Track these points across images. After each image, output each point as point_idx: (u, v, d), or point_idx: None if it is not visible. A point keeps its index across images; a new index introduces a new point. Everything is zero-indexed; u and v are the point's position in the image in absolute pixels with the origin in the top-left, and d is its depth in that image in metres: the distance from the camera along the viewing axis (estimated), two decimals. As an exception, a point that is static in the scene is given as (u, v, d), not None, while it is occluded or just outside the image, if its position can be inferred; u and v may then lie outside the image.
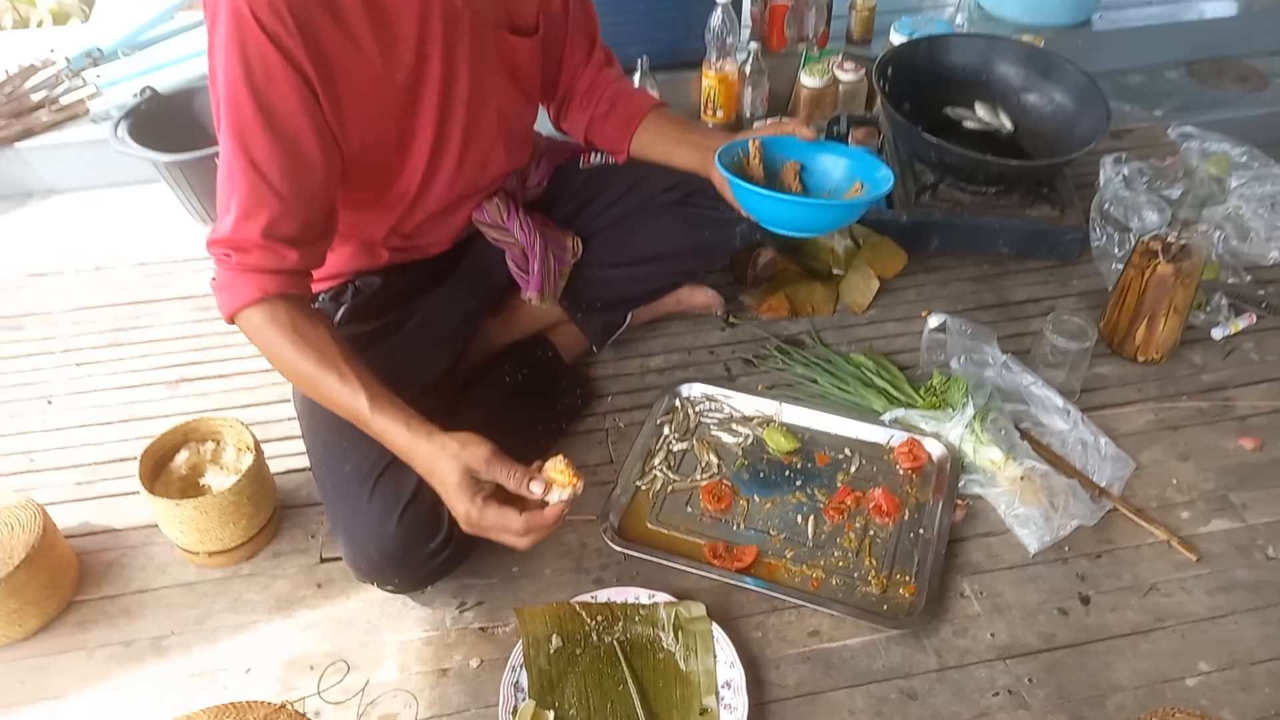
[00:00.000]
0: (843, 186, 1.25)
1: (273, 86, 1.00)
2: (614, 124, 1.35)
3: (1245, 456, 1.31)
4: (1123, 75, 2.41)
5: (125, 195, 2.07)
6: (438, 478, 1.02)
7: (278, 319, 1.07)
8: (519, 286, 1.35)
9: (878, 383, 1.38)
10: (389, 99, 1.11)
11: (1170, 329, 1.40)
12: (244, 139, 1.02)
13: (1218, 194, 1.64)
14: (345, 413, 1.06)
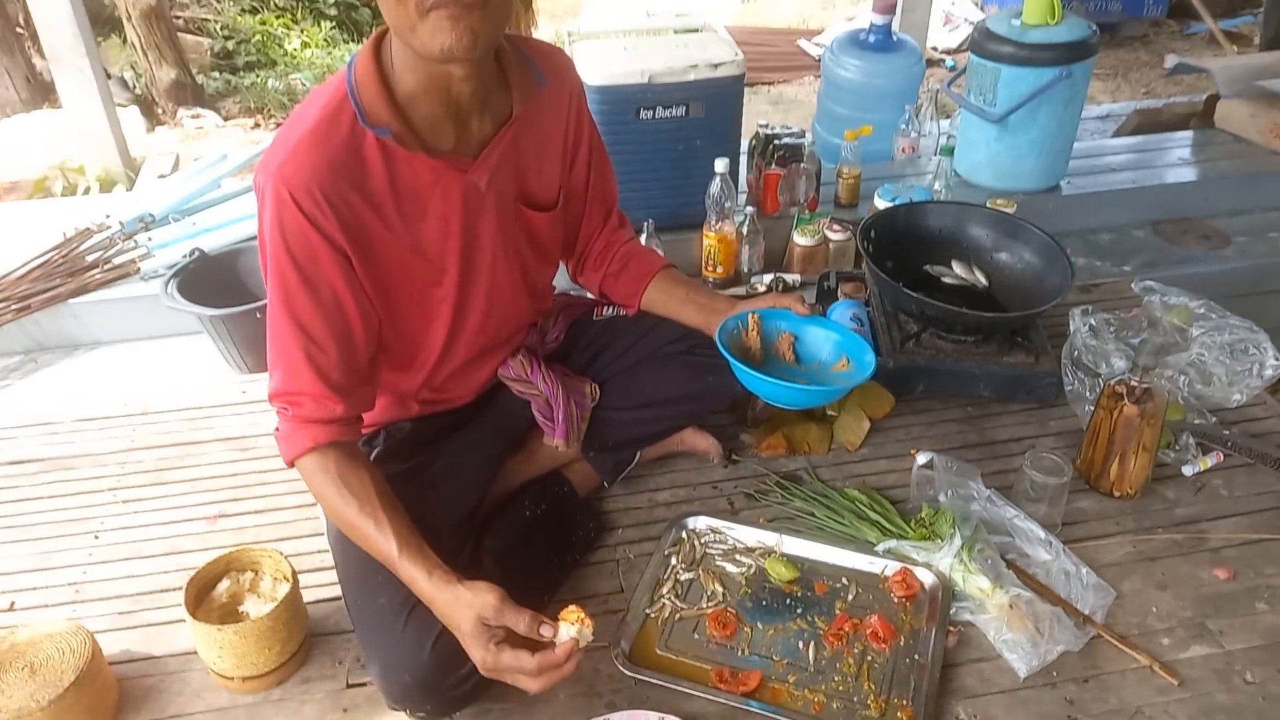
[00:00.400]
0: (831, 360, 1.41)
1: (313, 259, 1.16)
2: (627, 281, 1.51)
3: (1220, 586, 1.39)
4: (1093, 234, 2.60)
5: (169, 346, 2.23)
6: (454, 625, 1.12)
7: (326, 469, 1.20)
8: (537, 428, 1.48)
9: (871, 516, 1.48)
10: (417, 269, 1.27)
11: (1141, 466, 1.50)
12: (290, 304, 1.17)
13: (1181, 342, 1.78)
14: (378, 556, 1.18)
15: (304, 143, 1.13)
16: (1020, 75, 2.38)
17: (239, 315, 2.07)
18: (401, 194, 1.20)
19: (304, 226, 1.14)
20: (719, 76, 2.21)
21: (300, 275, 1.16)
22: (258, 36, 5.40)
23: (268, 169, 1.14)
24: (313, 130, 1.14)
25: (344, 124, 1.15)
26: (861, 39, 2.83)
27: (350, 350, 1.21)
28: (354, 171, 1.16)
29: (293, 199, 1.12)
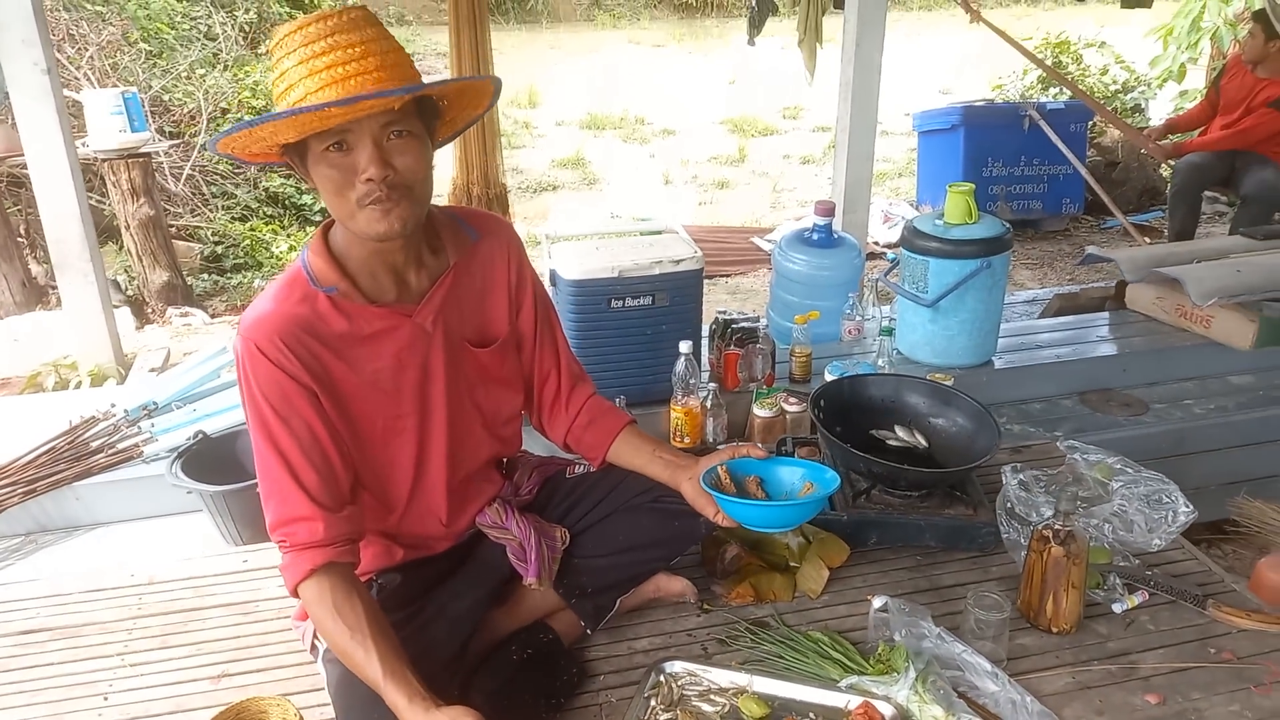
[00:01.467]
0: (797, 487, 1.59)
1: (285, 399, 1.36)
2: (594, 434, 1.68)
3: (1151, 710, 1.52)
4: (1025, 404, 2.86)
5: (169, 524, 2.37)
6: None
7: (323, 597, 1.35)
8: (520, 576, 1.62)
9: (834, 655, 1.61)
10: (378, 401, 1.46)
11: (1073, 602, 1.66)
12: (273, 440, 1.37)
13: (1104, 495, 1.98)
14: (365, 679, 1.31)
15: (268, 308, 1.38)
16: (947, 266, 2.69)
17: (240, 491, 2.22)
18: (358, 339, 1.42)
19: (272, 372, 1.35)
20: (680, 270, 2.50)
21: (276, 415, 1.36)
22: (247, 241, 5.75)
23: (244, 334, 1.37)
24: (272, 297, 1.39)
25: (298, 288, 1.39)
26: (806, 236, 3.17)
27: (331, 475, 1.39)
28: (311, 323, 1.39)
29: (260, 350, 1.35)
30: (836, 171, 4.03)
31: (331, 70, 1.23)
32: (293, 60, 1.25)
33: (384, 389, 1.46)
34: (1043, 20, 13.56)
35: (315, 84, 1.23)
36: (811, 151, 8.46)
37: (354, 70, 1.24)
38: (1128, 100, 7.28)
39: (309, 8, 12.75)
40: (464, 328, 1.54)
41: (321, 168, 1.29)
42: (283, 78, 1.26)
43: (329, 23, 1.26)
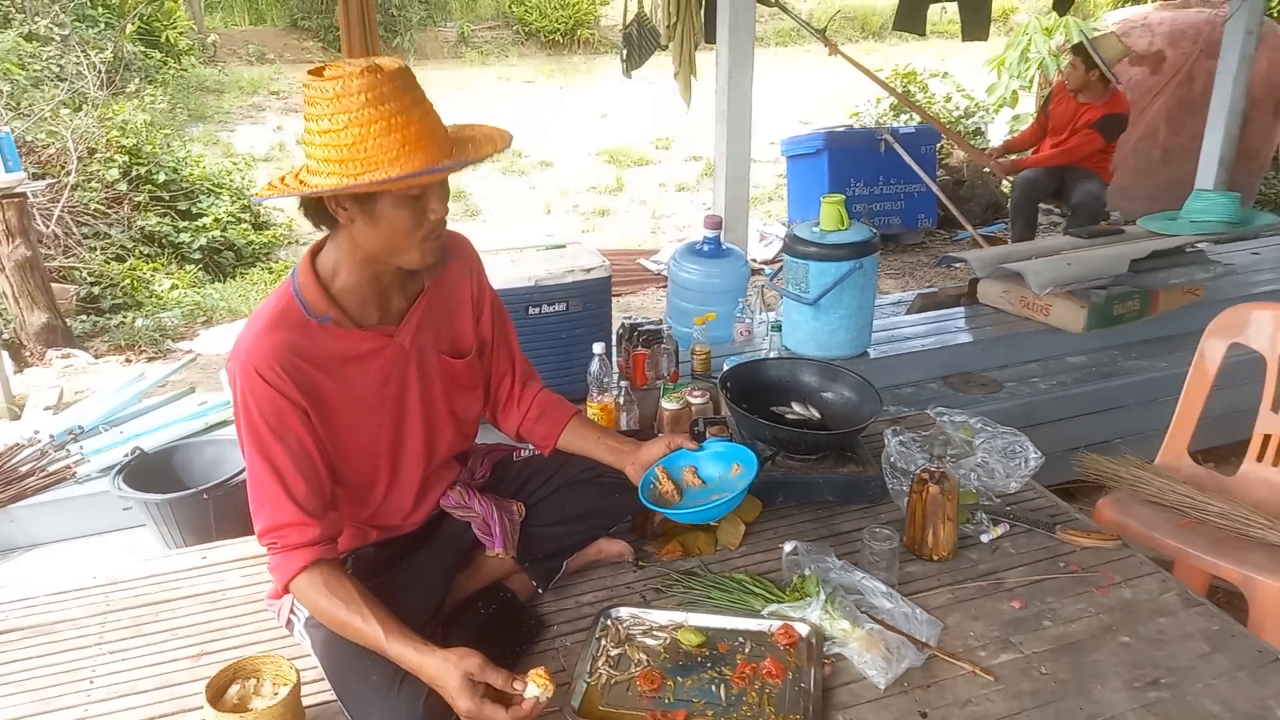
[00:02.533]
0: (726, 470, 1.84)
1: (280, 417, 1.52)
2: (545, 425, 1.91)
3: (1016, 613, 1.84)
4: (898, 388, 3.21)
5: (110, 540, 2.44)
6: (442, 683, 1.43)
7: (315, 585, 1.52)
8: (482, 546, 1.82)
9: (756, 591, 1.86)
10: (362, 414, 1.64)
11: (948, 534, 1.97)
12: (267, 455, 1.52)
13: (969, 450, 2.31)
14: (368, 645, 1.49)
15: (262, 333, 1.52)
16: (825, 268, 3.03)
17: (185, 499, 2.33)
18: (347, 359, 1.60)
19: (270, 393, 1.51)
20: (591, 278, 2.74)
21: (272, 432, 1.52)
22: (126, 280, 5.67)
23: (237, 357, 1.52)
24: (268, 323, 1.53)
25: (292, 316, 1.55)
26: (697, 249, 3.47)
27: (317, 484, 1.56)
28: (304, 348, 1.55)
29: (259, 374, 1.50)
30: (716, 193, 4.35)
31: (422, 138, 1.41)
32: (365, 117, 1.36)
33: (368, 403, 1.64)
34: (890, 54, 14.52)
35: (411, 148, 1.39)
36: (686, 179, 8.87)
37: (438, 134, 1.44)
38: (969, 124, 7.98)
39: (163, 46, 12.49)
40: (438, 342, 1.73)
41: (396, 210, 1.45)
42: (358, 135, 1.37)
43: (394, 83, 1.39)
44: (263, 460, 1.52)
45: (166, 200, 6.55)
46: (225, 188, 6.97)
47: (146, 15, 12.35)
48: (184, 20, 13.68)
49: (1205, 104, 5.38)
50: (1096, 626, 1.80)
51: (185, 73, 13.26)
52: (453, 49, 18.08)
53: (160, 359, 4.94)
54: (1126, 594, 1.89)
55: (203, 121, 11.67)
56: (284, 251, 6.82)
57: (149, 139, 6.94)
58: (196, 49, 14.50)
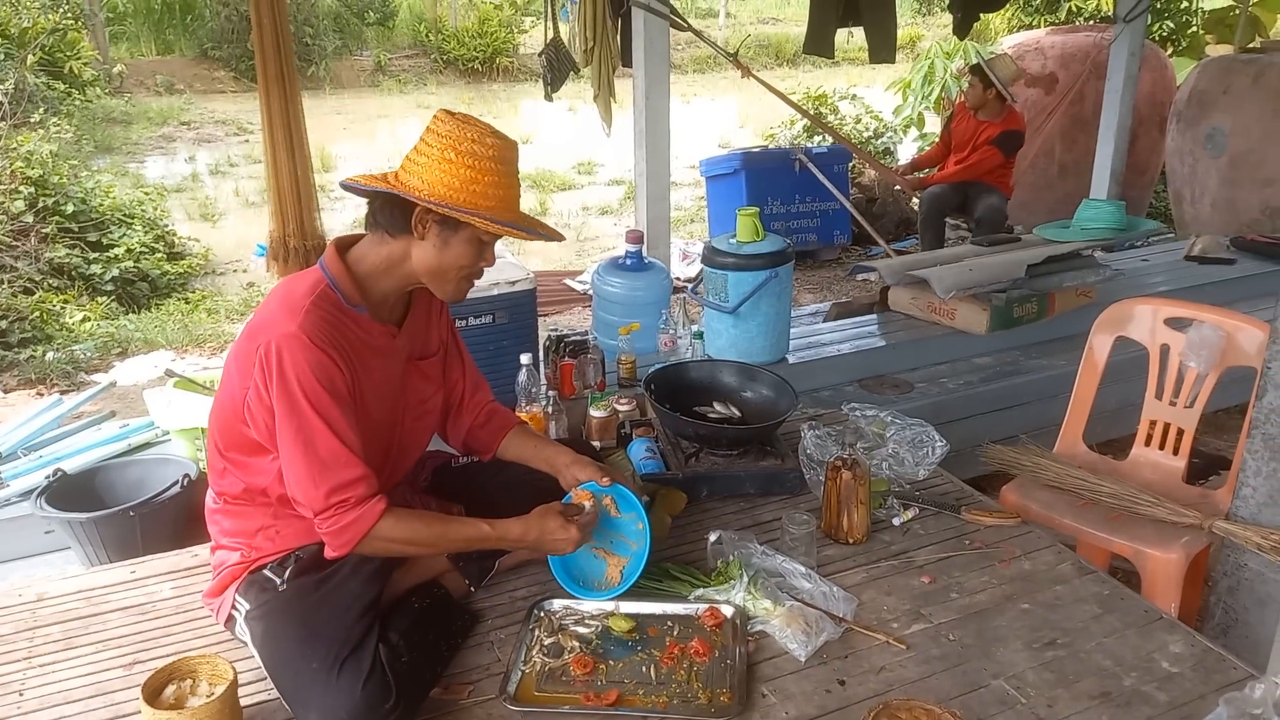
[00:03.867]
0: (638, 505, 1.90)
1: (333, 381, 1.62)
2: (488, 432, 2.01)
3: (925, 588, 1.96)
4: (816, 392, 3.34)
5: (31, 565, 2.40)
6: (549, 531, 1.77)
7: (401, 519, 1.69)
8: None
9: (682, 578, 1.94)
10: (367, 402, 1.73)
11: (861, 517, 2.09)
12: (324, 416, 1.60)
13: (880, 442, 2.44)
14: (472, 542, 1.77)
15: (310, 311, 1.62)
16: (743, 278, 3.15)
17: (111, 517, 2.31)
18: (368, 349, 1.73)
19: (324, 360, 1.60)
20: (516, 290, 2.81)
21: (330, 393, 1.61)
22: (36, 314, 5.52)
23: (286, 330, 1.59)
24: (313, 304, 1.64)
25: (330, 301, 1.67)
26: (620, 263, 3.56)
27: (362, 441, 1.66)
28: (342, 333, 1.67)
29: (313, 343, 1.59)
30: (638, 212, 4.46)
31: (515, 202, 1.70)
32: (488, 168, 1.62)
33: (377, 393, 1.75)
34: (803, 79, 14.94)
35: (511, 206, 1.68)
36: (609, 203, 8.99)
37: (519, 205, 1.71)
38: (879, 144, 8.29)
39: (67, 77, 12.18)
40: (416, 345, 1.88)
41: (469, 248, 1.68)
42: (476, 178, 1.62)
43: (511, 153, 1.68)
44: (320, 422, 1.59)
45: (76, 232, 6.40)
46: (138, 218, 6.84)
47: (49, 46, 12.04)
48: (88, 51, 13.35)
49: (1096, 121, 5.72)
50: (999, 596, 1.92)
51: (90, 104, 12.95)
52: (370, 78, 17.98)
53: (73, 391, 4.83)
54: (1026, 566, 2.02)
55: (110, 153, 11.41)
56: (200, 281, 6.72)
57: (55, 170, 6.79)
58: (102, 80, 14.16)
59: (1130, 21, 5.29)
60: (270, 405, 1.60)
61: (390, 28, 19.89)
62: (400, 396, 1.83)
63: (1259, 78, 5.49)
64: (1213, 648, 1.75)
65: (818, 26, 5.02)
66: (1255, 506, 2.13)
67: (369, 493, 1.63)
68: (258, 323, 1.65)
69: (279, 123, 4.76)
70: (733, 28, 23.49)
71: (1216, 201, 5.77)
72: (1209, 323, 2.44)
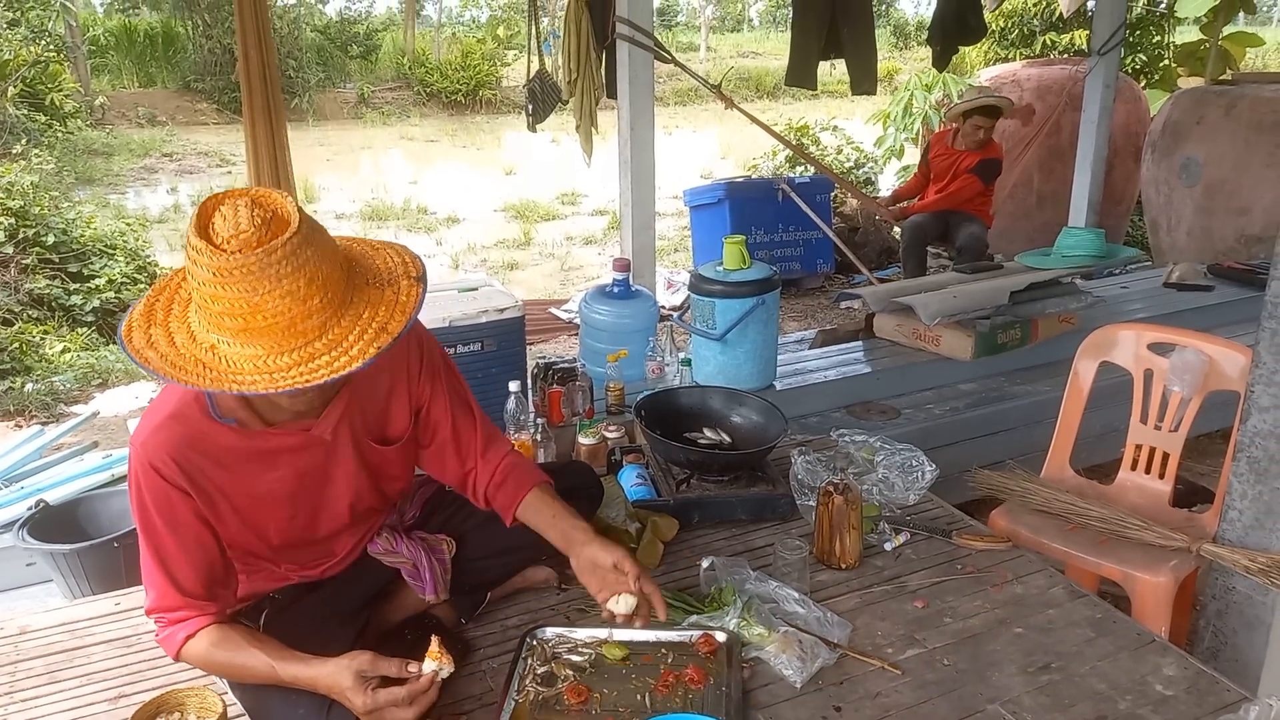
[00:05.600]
0: None
1: (170, 508, 1.51)
2: (505, 495, 1.83)
3: (919, 612, 1.95)
4: (804, 418, 3.35)
5: (11, 598, 2.35)
6: (338, 689, 1.45)
7: (201, 647, 1.54)
8: (402, 578, 1.84)
9: (675, 605, 1.93)
10: (273, 509, 1.60)
11: (854, 542, 2.08)
12: (155, 544, 1.52)
13: (870, 467, 2.44)
14: (263, 679, 1.52)
15: (162, 426, 1.48)
16: (730, 305, 3.16)
17: (94, 548, 2.28)
18: (253, 455, 1.54)
19: (163, 486, 1.49)
20: (505, 318, 2.82)
21: (163, 520, 1.51)
22: (15, 345, 5.47)
23: (134, 445, 1.50)
24: (170, 416, 1.49)
25: (195, 411, 1.49)
26: (608, 291, 3.57)
27: (208, 569, 1.56)
28: (204, 446, 1.50)
29: (152, 467, 1.48)
30: (624, 241, 4.48)
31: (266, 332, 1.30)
32: (213, 294, 1.27)
33: (277, 498, 1.60)
34: (784, 111, 15.11)
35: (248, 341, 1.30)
36: (593, 232, 9.04)
37: (294, 328, 1.31)
38: (860, 174, 8.39)
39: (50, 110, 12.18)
40: (367, 429, 1.67)
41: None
42: (205, 302, 1.28)
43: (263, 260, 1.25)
44: (150, 547, 1.51)
45: (56, 263, 6.36)
46: (119, 249, 6.81)
47: (30, 78, 12.04)
48: (70, 83, 13.35)
49: (1073, 152, 5.81)
50: (992, 620, 1.92)
51: (72, 135, 12.93)
52: (353, 110, 18.06)
53: (53, 423, 4.78)
54: (1018, 590, 2.02)
55: (91, 184, 11.38)
56: (183, 311, 6.67)
57: (36, 201, 6.76)
58: (84, 111, 14.14)
59: (1104, 55, 5.40)
60: None
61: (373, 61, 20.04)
62: (336, 489, 1.67)
63: (1231, 109, 5.61)
64: (1206, 670, 1.76)
65: (800, 59, 5.09)
66: (1242, 529, 2.15)
67: (184, 618, 1.53)
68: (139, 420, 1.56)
69: (265, 154, 4.77)
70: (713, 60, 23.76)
71: (1192, 230, 5.87)
72: (1191, 348, 2.47)
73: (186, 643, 1.53)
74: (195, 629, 1.53)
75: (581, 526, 1.79)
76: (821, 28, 5.07)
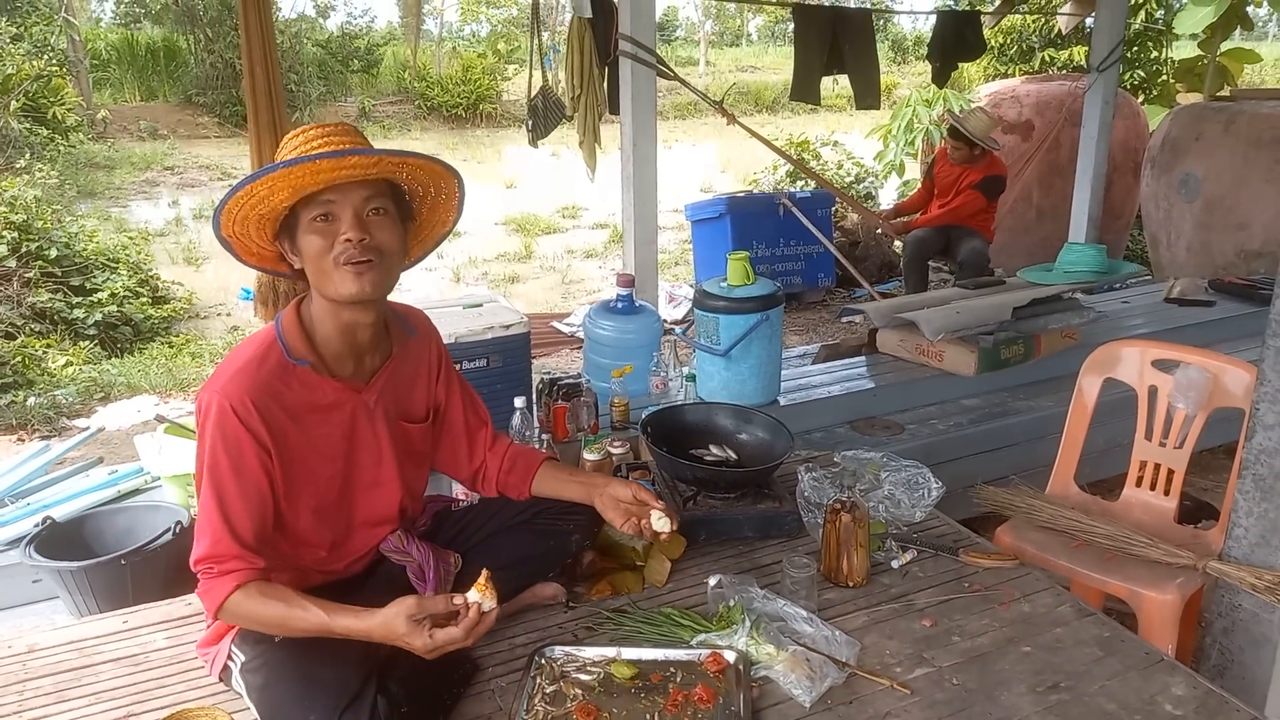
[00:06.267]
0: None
1: (240, 453, 1.59)
2: (517, 475, 2.00)
3: (927, 631, 1.95)
4: (808, 434, 3.35)
5: (16, 615, 2.35)
6: (393, 634, 1.52)
7: (249, 596, 1.58)
8: (416, 592, 1.84)
9: (684, 623, 1.93)
10: (317, 462, 1.71)
11: (861, 560, 2.09)
12: (219, 486, 1.59)
13: (876, 484, 2.45)
14: (313, 630, 1.55)
15: (241, 371, 1.61)
16: (734, 321, 3.17)
17: (101, 565, 2.28)
18: (314, 407, 1.68)
19: (238, 429, 1.58)
20: (510, 334, 2.82)
21: (231, 464, 1.59)
22: (18, 359, 5.48)
23: (212, 389, 1.60)
24: (248, 361, 1.62)
25: (273, 357, 1.64)
26: (612, 306, 3.58)
27: (262, 522, 1.63)
28: (279, 390, 1.63)
29: (231, 408, 1.57)
30: (626, 256, 4.49)
31: (324, 139, 1.54)
32: (289, 145, 1.57)
33: (324, 452, 1.71)
34: (784, 125, 15.17)
35: (307, 148, 1.53)
36: (594, 246, 9.06)
37: (340, 142, 1.55)
38: (861, 189, 8.42)
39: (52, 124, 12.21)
40: (399, 407, 1.84)
41: (309, 236, 1.58)
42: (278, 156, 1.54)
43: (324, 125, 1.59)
44: (214, 491, 1.58)
45: (59, 276, 6.38)
46: (121, 262, 6.83)
47: (33, 92, 12.09)
48: (72, 97, 13.40)
49: (1072, 167, 5.84)
50: (1000, 639, 1.92)
51: (74, 149, 12.97)
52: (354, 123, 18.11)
53: (55, 437, 4.78)
54: (1026, 608, 2.02)
55: (93, 198, 11.40)
56: (184, 325, 6.70)
57: (39, 214, 6.78)
58: (86, 125, 14.18)
59: (1104, 71, 5.43)
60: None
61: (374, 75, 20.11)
62: (366, 456, 1.78)
63: (1230, 125, 5.64)
64: (1215, 690, 1.76)
65: (803, 74, 5.12)
66: (1248, 547, 2.15)
67: (233, 568, 1.58)
68: (211, 374, 1.66)
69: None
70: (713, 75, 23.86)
71: (1192, 245, 5.89)
72: (1196, 365, 2.48)
73: (234, 592, 1.56)
74: (245, 579, 1.57)
75: (597, 475, 2.00)
76: (824, 44, 5.10)
